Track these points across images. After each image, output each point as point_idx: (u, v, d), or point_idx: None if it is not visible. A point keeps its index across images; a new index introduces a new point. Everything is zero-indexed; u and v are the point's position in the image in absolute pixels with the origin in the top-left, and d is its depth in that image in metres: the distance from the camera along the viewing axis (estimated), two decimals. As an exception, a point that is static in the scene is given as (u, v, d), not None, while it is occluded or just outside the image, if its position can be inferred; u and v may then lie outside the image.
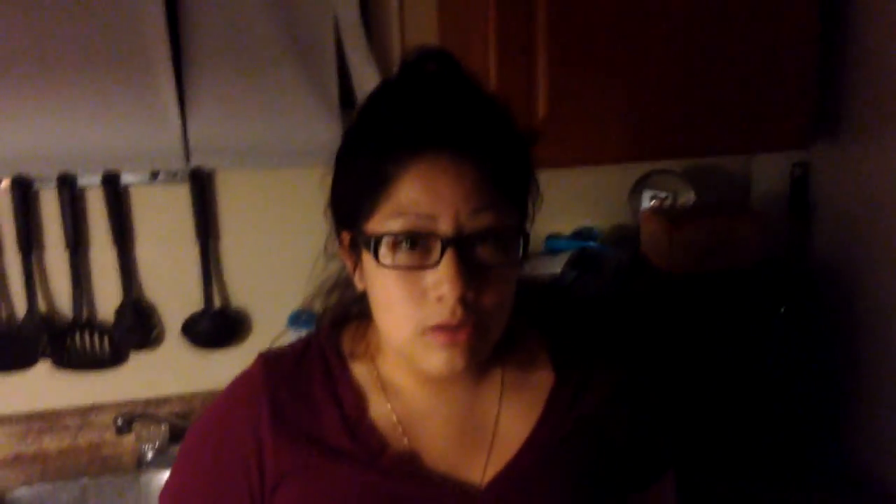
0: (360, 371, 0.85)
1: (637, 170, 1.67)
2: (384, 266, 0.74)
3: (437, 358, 0.75)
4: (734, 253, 1.48)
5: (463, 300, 0.73)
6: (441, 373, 0.76)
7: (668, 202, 1.63)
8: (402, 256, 0.74)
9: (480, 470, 0.82)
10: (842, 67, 1.44)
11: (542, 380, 0.87)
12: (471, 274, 0.73)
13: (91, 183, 1.53)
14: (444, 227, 0.73)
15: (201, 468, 0.85)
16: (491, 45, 1.30)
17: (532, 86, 1.33)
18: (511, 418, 0.85)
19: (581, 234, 1.67)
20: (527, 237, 0.78)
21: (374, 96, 0.81)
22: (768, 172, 1.69)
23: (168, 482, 0.88)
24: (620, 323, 1.41)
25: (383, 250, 0.74)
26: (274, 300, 1.60)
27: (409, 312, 0.75)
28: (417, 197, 0.73)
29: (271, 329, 1.47)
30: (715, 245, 1.47)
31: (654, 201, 1.64)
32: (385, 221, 0.74)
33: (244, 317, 1.64)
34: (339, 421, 0.82)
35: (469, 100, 0.77)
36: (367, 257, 0.77)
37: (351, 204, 0.78)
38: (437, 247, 0.73)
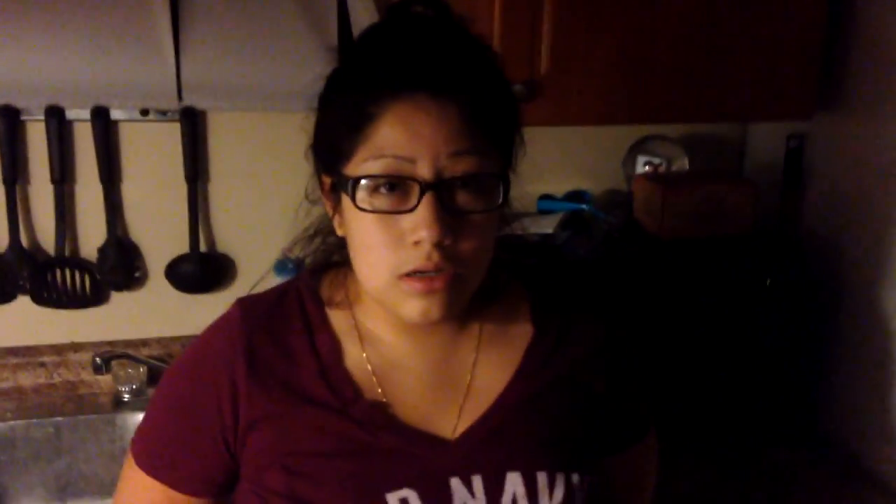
0: (337, 318, 0.84)
1: (633, 134, 1.66)
2: (362, 210, 0.73)
3: (413, 306, 0.74)
4: (726, 221, 1.48)
5: (440, 245, 0.72)
6: (416, 321, 0.75)
7: (662, 168, 1.63)
8: (380, 200, 0.73)
9: (454, 422, 0.81)
10: (845, 41, 1.44)
11: (521, 334, 0.86)
12: (449, 219, 0.72)
13: (80, 116, 1.49)
14: (423, 170, 0.71)
15: (175, 408, 0.85)
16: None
17: (536, 42, 1.31)
18: (487, 371, 0.84)
19: (574, 196, 1.66)
20: (507, 184, 0.77)
21: (359, 38, 0.80)
22: (764, 142, 1.68)
23: (143, 420, 0.87)
24: (608, 284, 1.41)
25: (361, 194, 0.73)
26: (261, 246, 1.58)
27: (386, 257, 0.73)
28: (396, 138, 0.71)
29: (256, 275, 1.44)
30: (707, 212, 1.47)
31: (648, 167, 1.63)
32: (363, 164, 0.73)
33: (229, 262, 1.62)
34: (314, 368, 0.81)
35: (454, 42, 0.76)
36: (346, 201, 0.76)
37: (332, 146, 0.77)
38: (416, 190, 0.72)
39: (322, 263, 0.88)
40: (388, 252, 0.73)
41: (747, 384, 1.44)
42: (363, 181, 0.73)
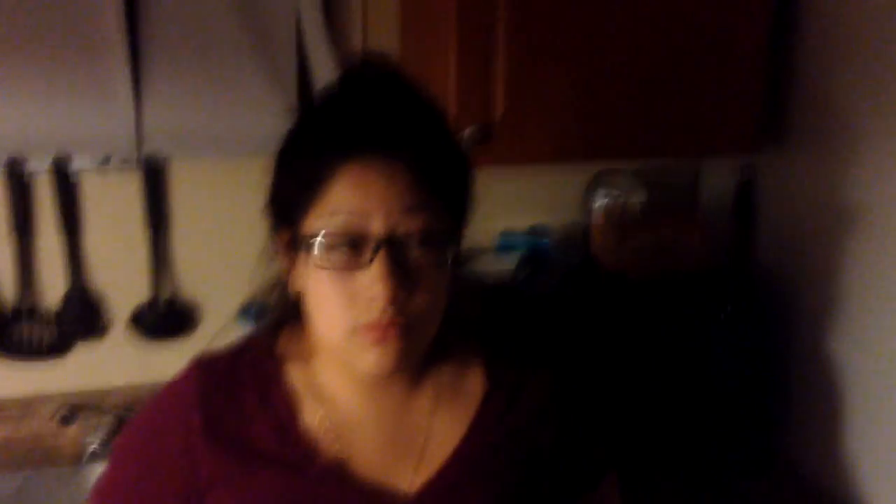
0: (294, 375, 0.86)
1: (592, 168, 1.70)
2: (318, 266, 0.76)
3: (368, 357, 0.76)
4: (680, 258, 1.52)
5: (394, 301, 0.74)
6: (372, 372, 0.78)
7: (620, 201, 1.66)
8: (336, 257, 0.75)
9: (410, 477, 0.83)
10: (789, 78, 1.49)
11: (475, 389, 0.89)
12: (402, 275, 0.74)
13: (40, 167, 1.49)
14: (377, 226, 0.74)
15: (132, 467, 0.86)
16: (451, 43, 1.31)
17: (490, 84, 1.34)
18: (442, 427, 0.86)
19: (535, 231, 1.69)
20: (459, 242, 0.80)
21: (314, 100, 0.83)
22: (716, 175, 1.73)
23: (100, 478, 0.88)
24: (565, 323, 1.44)
25: (317, 250, 0.75)
26: (224, 292, 1.57)
27: (342, 312, 0.76)
28: (350, 197, 0.74)
29: (220, 321, 1.46)
30: (662, 250, 1.52)
31: (606, 200, 1.67)
32: (318, 221, 0.75)
33: (193, 309, 1.62)
34: (271, 427, 0.83)
35: (405, 105, 0.79)
36: (302, 257, 0.78)
37: (286, 203, 0.79)
38: (370, 247, 0.74)
39: (280, 318, 0.89)
40: (344, 307, 0.75)
41: (706, 417, 1.47)
42: (319, 237, 0.75)
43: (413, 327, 0.77)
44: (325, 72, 1.52)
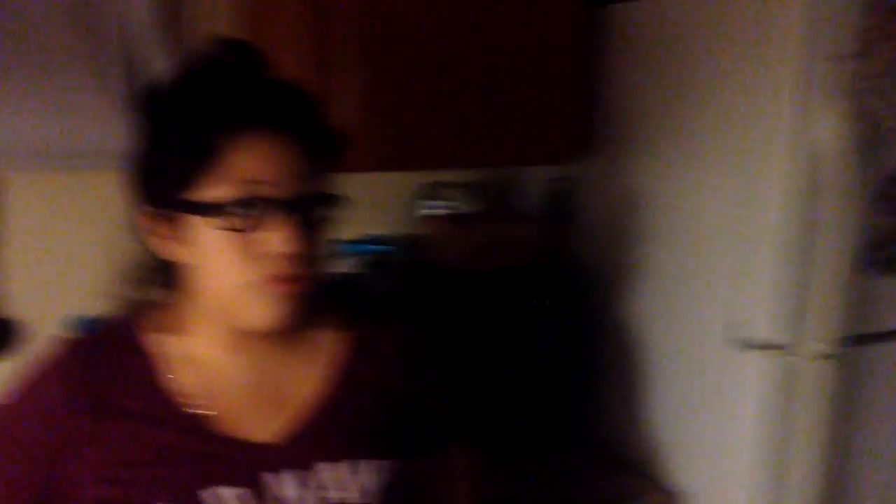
0: (161, 343, 0.91)
1: (426, 180, 1.83)
2: (223, 228, 0.82)
3: (264, 309, 0.84)
4: (507, 254, 1.68)
5: (294, 256, 0.83)
6: (265, 323, 0.85)
7: (450, 210, 1.80)
8: (241, 219, 0.82)
9: (273, 429, 0.90)
10: (596, 97, 1.70)
11: (332, 346, 0.97)
12: (301, 234, 0.83)
13: None
14: (277, 190, 0.82)
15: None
16: (301, 54, 1.39)
17: (344, 94, 1.42)
18: (303, 381, 0.94)
19: (375, 240, 1.78)
20: (338, 200, 0.88)
21: (187, 77, 0.87)
22: (539, 182, 1.91)
23: None
24: (407, 314, 1.54)
25: (221, 215, 0.82)
26: (56, 309, 1.54)
27: (241, 269, 0.83)
28: (249, 165, 0.82)
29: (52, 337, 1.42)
30: (490, 247, 1.66)
31: (438, 209, 1.80)
32: (218, 189, 0.82)
33: (22, 326, 1.55)
34: (137, 390, 0.88)
35: (281, 83, 0.88)
36: (196, 225, 0.84)
37: (170, 176, 0.84)
38: (275, 208, 0.82)
39: (146, 295, 0.94)
40: (245, 263, 0.83)
41: (529, 395, 1.63)
42: (224, 203, 0.81)
43: (309, 279, 0.86)
44: (157, 73, 1.53)
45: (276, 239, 0.82)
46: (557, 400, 1.66)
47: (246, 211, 0.82)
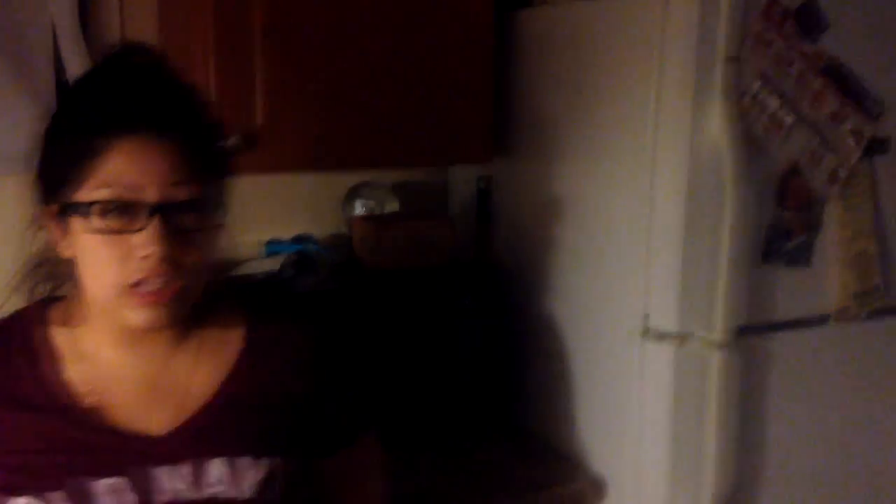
0: (60, 338, 0.94)
1: (352, 180, 1.85)
2: (95, 230, 0.84)
3: (137, 313, 0.87)
4: (431, 252, 1.71)
5: (166, 259, 0.85)
6: (142, 326, 0.88)
7: (376, 210, 1.83)
8: (112, 221, 0.84)
9: (166, 424, 0.92)
10: (512, 100, 1.75)
11: (235, 344, 0.99)
12: (173, 238, 0.85)
13: None
14: (149, 195, 0.84)
15: None
16: (210, 53, 1.40)
17: (251, 94, 1.44)
18: (202, 378, 0.96)
19: (300, 240, 1.80)
20: (222, 210, 0.91)
21: (84, 79, 0.93)
22: (462, 183, 1.95)
23: None
24: (331, 313, 1.56)
25: (93, 217, 0.84)
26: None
27: (116, 271, 0.85)
28: (124, 169, 0.84)
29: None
30: (414, 246, 1.70)
31: (363, 209, 1.83)
32: (95, 191, 0.84)
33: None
34: (35, 382, 0.91)
35: (170, 87, 0.90)
36: (76, 224, 0.86)
37: (58, 177, 0.87)
38: (144, 213, 0.84)
39: (48, 295, 0.98)
40: (117, 266, 0.85)
41: (453, 392, 1.66)
42: (95, 205, 0.84)
43: (184, 287, 0.88)
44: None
45: (144, 243, 0.84)
46: (481, 396, 1.69)
47: (114, 214, 0.84)
